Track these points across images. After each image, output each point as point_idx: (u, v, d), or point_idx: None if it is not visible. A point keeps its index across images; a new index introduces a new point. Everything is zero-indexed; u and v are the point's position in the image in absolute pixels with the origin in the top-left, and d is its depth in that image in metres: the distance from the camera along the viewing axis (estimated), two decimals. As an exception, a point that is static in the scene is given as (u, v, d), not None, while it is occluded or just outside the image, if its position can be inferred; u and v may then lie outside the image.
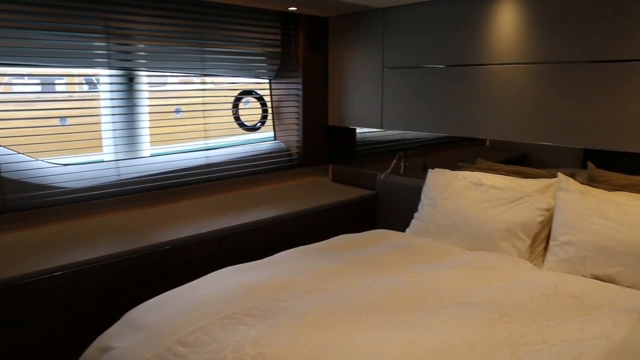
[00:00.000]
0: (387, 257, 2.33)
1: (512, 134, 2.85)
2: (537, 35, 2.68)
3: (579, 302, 1.89)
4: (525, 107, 2.76)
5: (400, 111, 3.34)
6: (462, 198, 2.63)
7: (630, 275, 2.07)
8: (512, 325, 1.70)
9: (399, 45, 3.28)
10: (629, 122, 2.43)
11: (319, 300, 1.85)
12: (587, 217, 2.23)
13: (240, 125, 3.61)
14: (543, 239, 2.43)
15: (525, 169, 2.83)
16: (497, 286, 2.02)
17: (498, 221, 2.46)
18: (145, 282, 2.39)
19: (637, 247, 2.06)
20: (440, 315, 1.77)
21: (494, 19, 2.82)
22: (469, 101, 2.98)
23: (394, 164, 3.41)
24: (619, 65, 2.43)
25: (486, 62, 2.89)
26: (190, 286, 2.03)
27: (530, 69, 2.73)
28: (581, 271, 2.19)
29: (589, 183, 2.54)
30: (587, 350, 1.55)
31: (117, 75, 2.92)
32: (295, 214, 3.02)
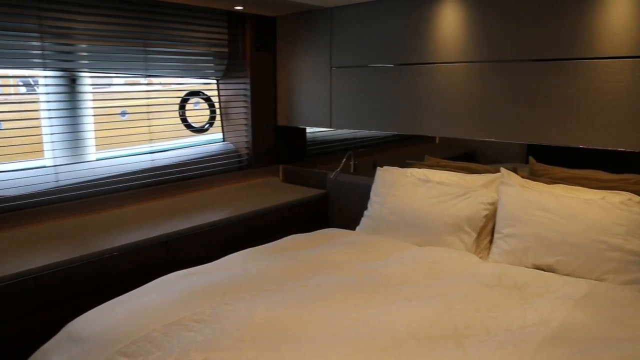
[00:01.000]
0: (337, 256, 2.34)
1: (458, 131, 2.92)
2: (480, 34, 2.74)
3: (521, 292, 1.95)
4: (471, 105, 2.83)
5: (348, 110, 3.35)
6: (410, 195, 2.66)
7: (568, 264, 2.16)
8: (458, 318, 1.73)
9: (346, 45, 3.30)
10: (568, 117, 2.53)
11: (266, 302, 1.83)
12: (528, 210, 2.30)
13: (188, 127, 3.53)
14: (488, 232, 2.50)
15: (471, 164, 2.90)
16: (444, 280, 2.06)
17: (445, 216, 2.51)
18: (89, 292, 2.30)
19: (574, 237, 2.15)
20: (389, 311, 1.78)
21: (439, 18, 2.88)
22: (417, 99, 3.03)
23: (343, 163, 3.43)
24: (559, 64, 2.52)
25: (432, 61, 2.94)
26: (134, 294, 1.97)
27: (474, 68, 2.79)
28: (523, 262, 2.26)
29: (531, 177, 2.63)
30: (527, 338, 1.60)
31: (56, 77, 2.80)
32: (245, 216, 2.98)
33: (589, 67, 2.44)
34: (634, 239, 2.07)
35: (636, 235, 2.08)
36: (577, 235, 2.14)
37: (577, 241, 2.14)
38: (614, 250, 2.08)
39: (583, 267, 2.13)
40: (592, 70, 2.44)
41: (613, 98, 2.41)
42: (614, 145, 2.44)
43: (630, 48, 2.34)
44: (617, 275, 2.07)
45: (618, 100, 2.40)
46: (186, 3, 3.08)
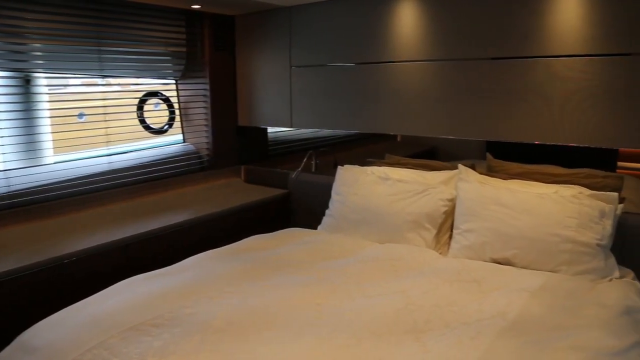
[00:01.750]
0: (298, 256, 2.33)
1: (418, 129, 2.95)
2: (437, 33, 2.79)
3: (479, 286, 1.99)
4: (429, 103, 2.87)
5: (309, 109, 3.35)
6: (370, 193, 2.68)
7: (524, 257, 2.21)
8: (418, 314, 1.76)
9: (306, 44, 3.30)
10: (523, 114, 2.59)
11: (226, 304, 1.81)
12: (485, 205, 2.35)
13: (146, 129, 3.46)
14: (448, 228, 2.54)
15: (430, 162, 2.94)
16: (404, 276, 2.08)
17: (405, 213, 2.54)
18: (45, 299, 2.22)
19: (529, 231, 2.21)
20: (349, 310, 1.79)
21: (396, 17, 2.91)
22: (377, 98, 3.05)
23: (304, 163, 3.43)
24: (514, 62, 2.59)
25: (391, 60, 2.97)
26: (90, 300, 1.91)
27: (432, 66, 2.84)
28: (482, 256, 2.30)
29: (488, 173, 2.68)
30: (484, 331, 1.63)
31: (8, 77, 2.69)
32: (207, 217, 2.95)
33: (542, 65, 2.52)
34: (585, 230, 2.15)
35: (587, 227, 2.15)
36: (532, 229, 2.20)
37: (532, 235, 2.20)
38: (567, 242, 2.15)
39: (538, 260, 2.19)
40: (545, 68, 2.51)
41: (564, 95, 2.49)
42: (567, 140, 2.53)
43: (578, 47, 2.42)
44: (570, 266, 2.14)
45: (569, 98, 2.48)
46: (142, 2, 3.01)
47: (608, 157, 3.61)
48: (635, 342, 1.64)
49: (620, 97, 2.37)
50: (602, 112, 2.42)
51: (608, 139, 2.43)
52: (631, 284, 2.10)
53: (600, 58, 2.38)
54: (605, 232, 2.15)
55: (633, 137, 2.38)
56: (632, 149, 3.32)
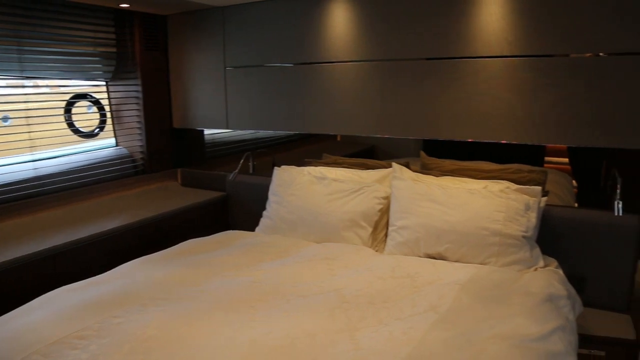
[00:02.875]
0: (235, 258, 2.30)
1: (355, 129, 2.99)
2: (372, 33, 2.83)
3: (412, 281, 2.04)
4: (366, 103, 2.91)
5: (246, 110, 3.32)
6: (307, 193, 2.69)
7: (456, 251, 2.28)
8: (352, 312, 1.77)
9: (240, 44, 3.26)
10: (455, 113, 2.68)
11: (159, 311, 1.76)
12: (418, 202, 2.41)
13: (75, 132, 3.32)
14: (384, 226, 2.58)
15: (366, 160, 2.98)
16: (340, 275, 2.10)
17: (341, 212, 2.56)
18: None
19: (461, 226, 2.28)
20: (284, 310, 1.78)
21: (330, 18, 2.93)
22: (314, 98, 3.06)
23: (241, 164, 3.39)
24: (445, 62, 2.66)
25: (328, 60, 2.98)
26: (13, 314, 1.81)
27: (368, 66, 2.88)
28: (416, 252, 2.36)
29: (422, 170, 2.75)
30: (416, 325, 1.67)
31: None
32: (142, 223, 2.86)
33: (471, 65, 2.61)
34: (512, 223, 2.24)
35: (513, 220, 2.25)
36: (463, 224, 2.28)
37: (463, 229, 2.27)
38: (495, 235, 2.23)
39: (469, 253, 2.26)
40: (474, 68, 2.60)
41: (492, 94, 2.58)
42: (496, 138, 2.62)
43: (502, 48, 2.53)
44: (499, 258, 2.23)
45: (496, 97, 2.58)
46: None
47: (536, 153, 3.80)
48: (556, 327, 1.73)
49: (542, 96, 2.49)
50: (526, 110, 2.53)
51: (532, 135, 2.55)
52: (554, 272, 2.21)
53: (523, 59, 2.50)
54: (530, 224, 2.26)
55: (555, 134, 2.51)
56: (556, 145, 3.51)
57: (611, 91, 2.36)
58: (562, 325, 1.79)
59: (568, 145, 2.84)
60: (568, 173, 3.81)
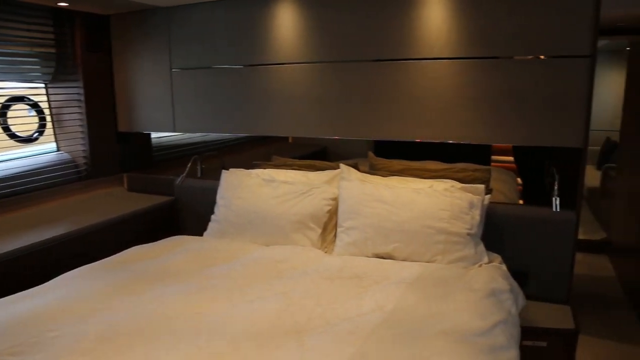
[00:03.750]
0: (181, 264, 2.25)
1: (305, 130, 2.98)
2: (321, 35, 2.83)
3: (360, 281, 2.04)
4: (315, 104, 2.90)
5: (193, 113, 3.26)
6: (255, 195, 2.66)
7: (403, 250, 2.31)
8: (298, 314, 1.76)
9: (187, 46, 3.20)
10: (403, 114, 2.71)
11: (98, 322, 1.69)
12: (366, 202, 2.43)
13: (12, 137, 3.16)
14: (333, 227, 2.58)
15: (315, 162, 2.98)
16: (287, 277, 2.08)
17: (290, 214, 2.55)
18: None
19: (407, 225, 2.31)
20: (230, 315, 1.75)
21: (278, 19, 2.91)
22: (263, 100, 3.04)
23: (189, 168, 3.32)
24: (394, 64, 2.69)
25: (277, 62, 2.96)
26: None
27: (317, 68, 2.87)
28: (364, 252, 2.37)
29: (370, 171, 2.77)
30: (362, 325, 1.67)
31: None
32: (86, 230, 2.74)
33: (418, 67, 2.65)
34: (456, 221, 2.29)
35: (458, 218, 2.29)
36: (409, 223, 2.31)
37: (410, 228, 2.30)
38: (441, 234, 2.27)
39: (416, 252, 2.30)
40: (421, 69, 2.64)
41: (438, 95, 2.63)
42: (443, 138, 2.67)
43: (447, 50, 2.58)
44: (445, 256, 2.27)
45: (442, 98, 2.63)
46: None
47: (483, 152, 3.90)
48: (498, 321, 1.77)
49: (486, 98, 2.55)
50: (471, 110, 2.59)
51: (476, 135, 2.61)
52: (498, 267, 2.27)
53: (468, 60, 2.56)
54: (474, 222, 2.31)
55: (498, 134, 2.58)
56: (501, 145, 3.61)
57: (548, 91, 2.45)
58: (505, 319, 1.83)
59: (510, 144, 2.93)
60: (513, 171, 3.93)
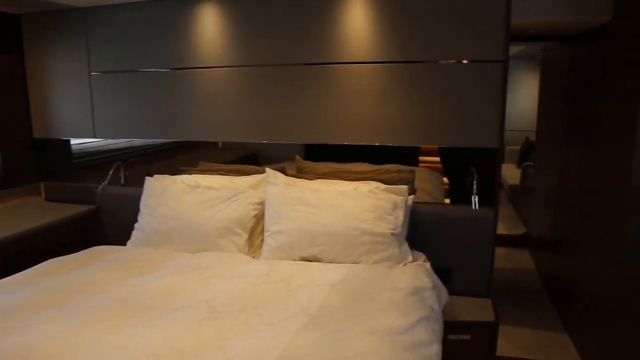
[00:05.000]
0: (101, 276, 2.16)
1: (233, 135, 2.94)
2: (251, 38, 2.80)
3: (286, 285, 2.04)
4: (244, 108, 2.88)
5: (115, 118, 3.15)
6: (180, 202, 2.60)
7: (329, 252, 2.33)
8: (222, 321, 1.73)
9: (107, 48, 3.08)
10: (334, 118, 2.74)
11: (10, 341, 1.59)
12: (292, 206, 2.43)
13: None
14: (260, 232, 2.57)
15: (242, 167, 2.95)
16: (212, 284, 2.05)
17: (215, 220, 2.51)
18: None
19: (332, 227, 2.34)
20: (151, 326, 1.70)
21: (203, 22, 2.86)
22: (189, 105, 2.97)
23: (111, 175, 3.20)
24: (325, 67, 2.71)
25: (203, 65, 2.91)
26: None
27: (245, 71, 2.84)
28: (291, 256, 2.37)
29: (297, 174, 2.78)
30: (286, 329, 1.67)
31: None
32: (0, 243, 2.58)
33: (344, 71, 2.69)
34: (380, 222, 2.33)
35: (382, 219, 2.34)
36: (335, 225, 2.33)
37: (335, 230, 2.33)
38: (365, 235, 2.31)
39: (342, 253, 2.32)
40: (347, 73, 2.68)
41: (365, 99, 2.68)
42: (370, 140, 2.72)
43: (371, 54, 2.63)
44: (370, 256, 2.31)
45: (368, 101, 2.68)
46: None
47: (412, 153, 4.01)
48: (421, 318, 1.82)
49: (411, 101, 2.63)
50: (396, 113, 2.66)
51: (400, 138, 2.68)
52: (421, 266, 2.34)
53: (392, 64, 2.62)
54: (398, 222, 2.37)
55: (421, 135, 2.66)
56: (428, 146, 3.73)
57: (467, 94, 2.56)
58: (427, 315, 1.89)
59: (432, 145, 3.03)
60: (439, 171, 4.06)
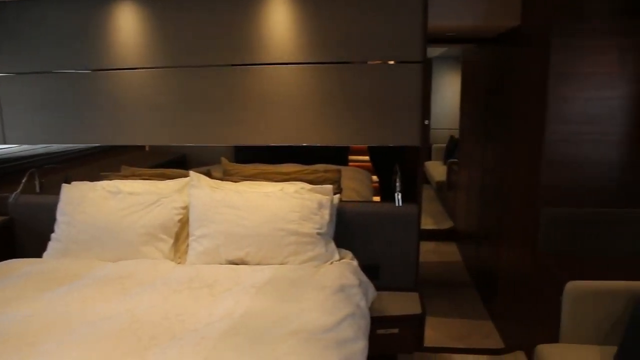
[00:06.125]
0: (13, 291, 2.03)
1: (157, 138, 2.88)
2: (174, 39, 2.74)
3: (211, 290, 2.01)
4: (167, 111, 2.82)
5: (27, 122, 2.98)
6: (99, 209, 2.50)
7: (256, 254, 2.32)
8: (142, 331, 1.68)
9: (15, 48, 2.91)
10: (260, 119, 2.73)
11: None
12: (216, 209, 2.40)
13: None
14: (186, 237, 2.51)
15: (166, 170, 2.88)
16: (133, 293, 1.98)
17: (138, 227, 2.43)
18: None
19: (258, 229, 2.33)
20: (67, 342, 1.62)
21: (119, 21, 2.77)
22: (109, 107, 2.87)
23: (24, 183, 3.02)
24: (247, 69, 2.70)
25: (124, 67, 2.82)
26: None
27: (167, 73, 2.79)
28: (217, 260, 2.34)
29: (223, 177, 2.75)
30: (209, 334, 1.64)
31: None
32: None
33: (270, 72, 2.69)
34: (306, 222, 2.35)
35: (308, 219, 2.36)
36: (260, 227, 2.32)
37: (261, 232, 2.32)
38: (291, 235, 2.32)
39: (268, 255, 2.32)
40: (273, 75, 2.69)
41: (290, 99, 2.70)
42: (297, 141, 2.74)
43: (294, 55, 2.65)
44: (297, 257, 2.32)
45: (294, 102, 2.70)
46: None
47: (341, 153, 4.06)
48: (346, 315, 1.85)
49: (336, 101, 2.67)
50: (322, 114, 2.69)
51: (327, 137, 2.72)
52: (348, 263, 2.37)
53: (316, 65, 2.65)
54: (324, 221, 2.39)
55: (347, 135, 2.71)
56: (356, 145, 3.79)
57: (391, 94, 2.63)
58: (353, 312, 1.92)
59: (357, 144, 3.09)
60: (369, 170, 4.14)
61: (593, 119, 2.37)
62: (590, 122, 2.38)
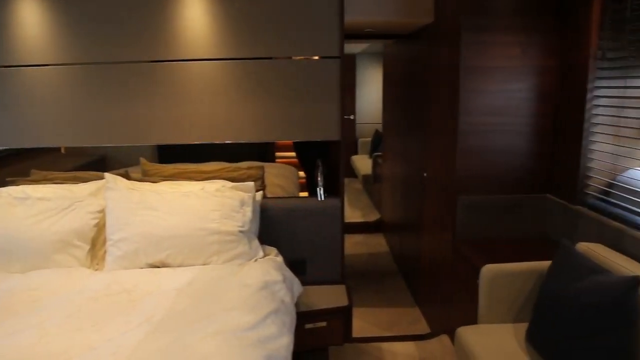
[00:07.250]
0: None
1: (70, 139, 2.73)
2: (77, 34, 2.61)
3: (129, 295, 1.95)
4: (81, 110, 2.68)
5: None
6: (5, 217, 2.33)
7: (177, 256, 2.27)
8: (54, 344, 1.60)
9: None
10: (181, 117, 2.66)
11: None
12: (134, 211, 2.32)
13: None
14: (104, 242, 2.41)
15: (81, 173, 2.75)
16: (45, 306, 1.87)
17: (49, 234, 2.30)
18: None
19: (178, 229, 2.27)
20: (-35, 363, 1.51)
21: (20, 15, 2.60)
22: (15, 107, 2.69)
23: None
24: (167, 65, 2.62)
25: (31, 63, 2.65)
26: None
27: (79, 70, 2.65)
28: (137, 263, 2.27)
29: (142, 178, 2.66)
30: (127, 342, 1.59)
31: None
32: None
33: (189, 68, 2.62)
34: (228, 220, 2.32)
35: (229, 217, 2.33)
36: (181, 227, 2.27)
37: (182, 233, 2.27)
38: (213, 234, 2.28)
39: (190, 256, 2.27)
40: (192, 71, 2.63)
41: (211, 96, 2.65)
42: (219, 139, 2.70)
43: (214, 51, 2.60)
44: (220, 256, 2.29)
45: (215, 99, 2.65)
46: None
47: (267, 149, 4.04)
48: (269, 312, 1.85)
49: (258, 97, 2.65)
50: (241, 110, 2.66)
51: (249, 134, 2.69)
52: (272, 260, 2.37)
53: (235, 61, 2.62)
54: (246, 219, 2.37)
55: (269, 131, 2.70)
56: (282, 141, 3.79)
57: (311, 89, 2.64)
58: (277, 308, 1.92)
59: (280, 140, 3.09)
60: (295, 166, 4.15)
61: (500, 111, 2.51)
62: (498, 113, 2.51)
